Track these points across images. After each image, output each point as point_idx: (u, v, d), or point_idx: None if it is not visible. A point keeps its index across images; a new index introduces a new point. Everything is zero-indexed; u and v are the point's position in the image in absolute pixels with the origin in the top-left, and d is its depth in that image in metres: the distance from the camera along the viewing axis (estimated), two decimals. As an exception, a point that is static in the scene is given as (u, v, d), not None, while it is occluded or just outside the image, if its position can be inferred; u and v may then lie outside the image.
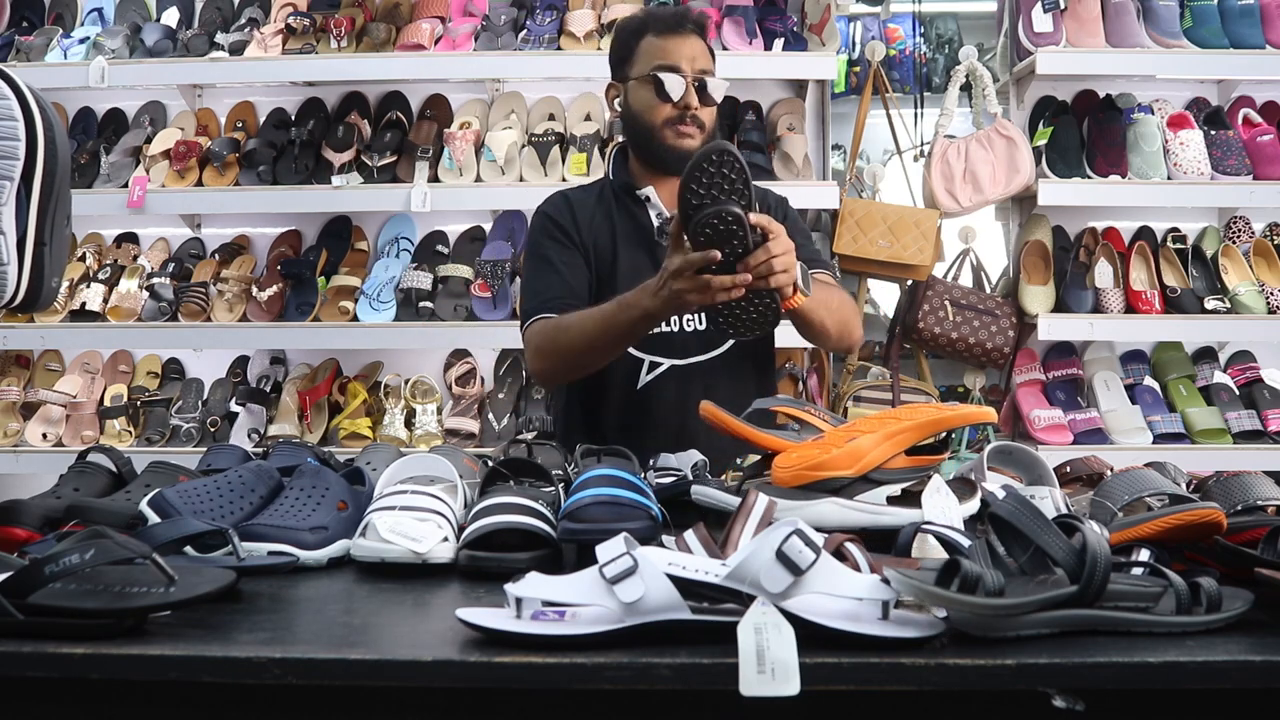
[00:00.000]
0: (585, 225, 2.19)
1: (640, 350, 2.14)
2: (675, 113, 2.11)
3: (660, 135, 2.12)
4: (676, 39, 2.13)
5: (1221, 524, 1.30)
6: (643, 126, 2.14)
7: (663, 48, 2.13)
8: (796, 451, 1.41)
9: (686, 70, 2.11)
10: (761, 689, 1.01)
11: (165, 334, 3.32)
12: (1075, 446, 3.11)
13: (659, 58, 2.12)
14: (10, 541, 1.36)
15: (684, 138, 2.11)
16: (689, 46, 2.13)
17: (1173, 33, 3.24)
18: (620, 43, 2.21)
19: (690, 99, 2.10)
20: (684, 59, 2.11)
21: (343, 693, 1.12)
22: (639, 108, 2.14)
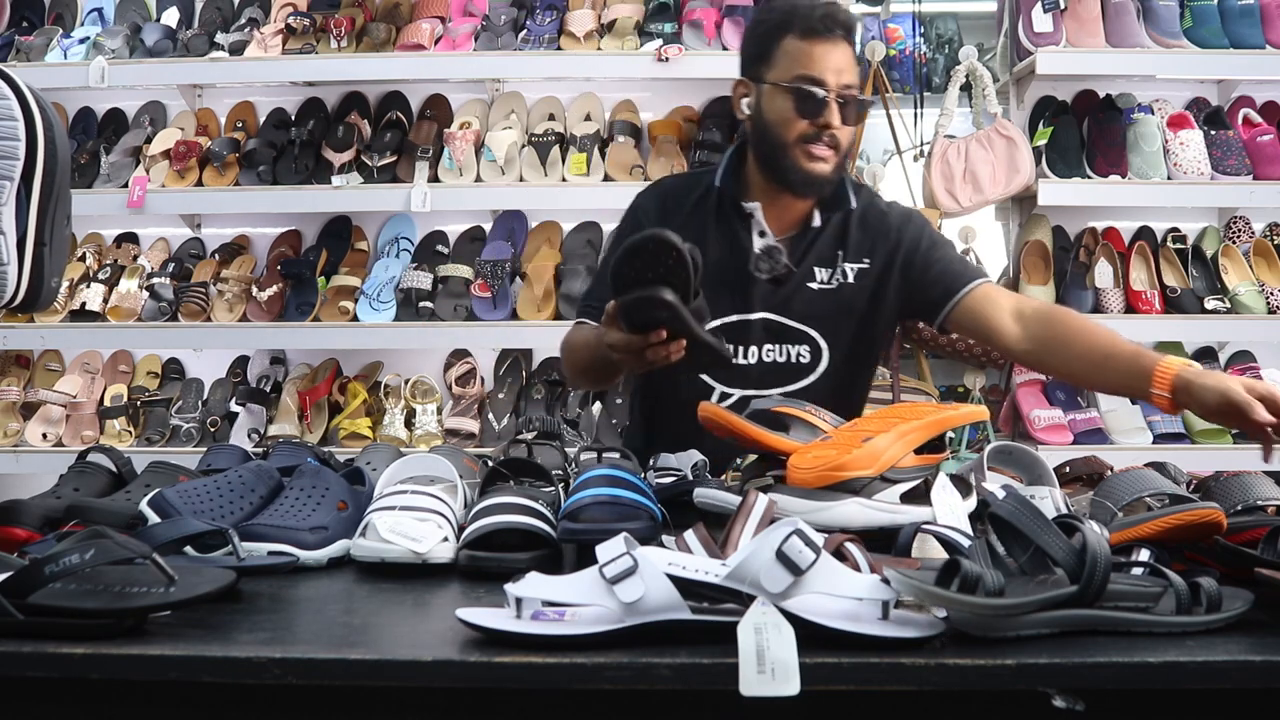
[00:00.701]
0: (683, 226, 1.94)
1: (712, 377, 2.01)
2: (812, 130, 1.89)
3: (791, 154, 1.91)
4: (824, 45, 1.88)
5: (1222, 524, 1.30)
6: (774, 139, 1.92)
7: (808, 54, 1.88)
8: (811, 452, 1.41)
9: (832, 84, 1.87)
10: (761, 689, 1.01)
11: (165, 334, 3.31)
12: (1075, 446, 3.10)
13: (802, 65, 1.88)
14: (10, 541, 1.36)
15: (816, 161, 1.90)
16: (837, 56, 1.89)
17: (1173, 33, 3.24)
18: (757, 36, 1.97)
19: (832, 118, 1.88)
20: (830, 70, 1.88)
21: (343, 693, 1.12)
22: (773, 118, 1.91)
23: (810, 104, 1.88)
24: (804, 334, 2.00)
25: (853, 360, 2.03)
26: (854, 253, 2.00)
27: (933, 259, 2.00)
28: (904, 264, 2.00)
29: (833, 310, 2.00)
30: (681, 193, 2.08)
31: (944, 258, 2.01)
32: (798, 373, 2.00)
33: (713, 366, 1.77)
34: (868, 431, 1.43)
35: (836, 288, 2.00)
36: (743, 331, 2.00)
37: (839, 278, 2.00)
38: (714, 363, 1.70)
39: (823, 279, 2.00)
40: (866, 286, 2.00)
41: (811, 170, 1.91)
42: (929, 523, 1.35)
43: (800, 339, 2.00)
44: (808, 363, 2.00)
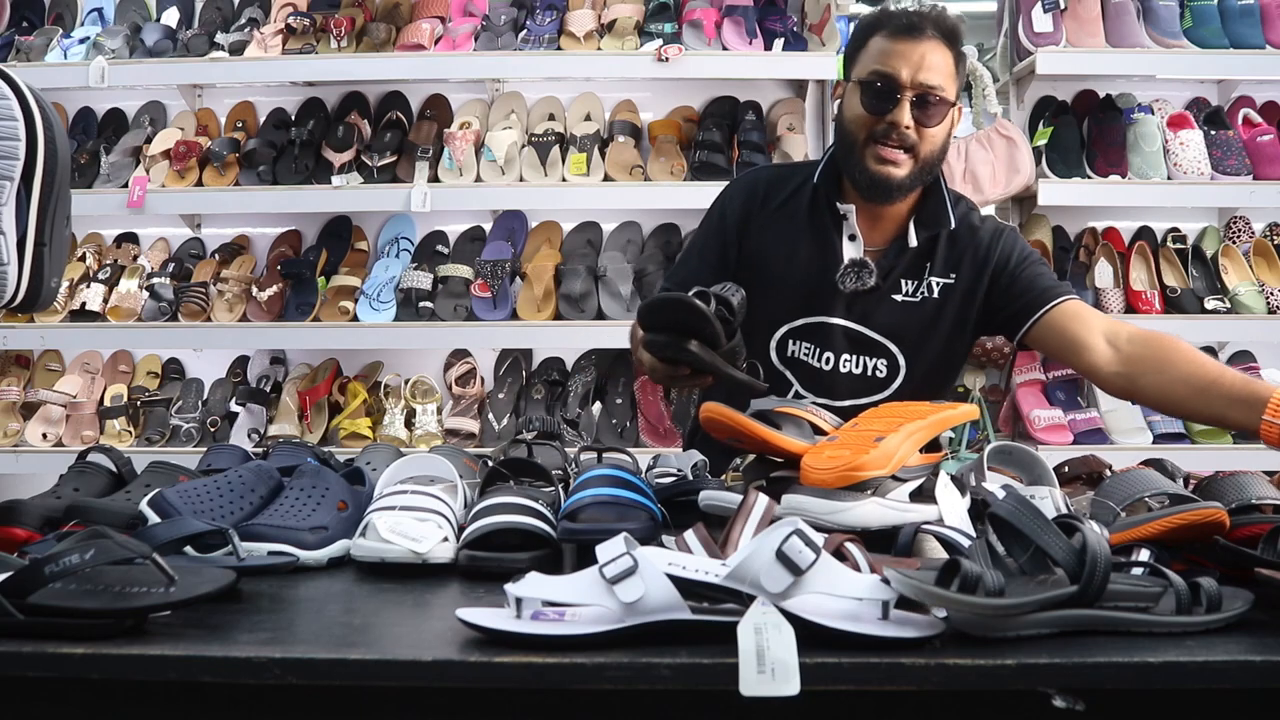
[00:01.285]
0: (760, 220, 1.97)
1: (792, 373, 1.97)
2: (881, 127, 1.83)
3: (860, 153, 1.86)
4: (907, 43, 1.82)
5: (1224, 524, 1.30)
6: (847, 138, 1.88)
7: (887, 51, 1.83)
8: (825, 452, 1.41)
9: (905, 78, 1.80)
10: (761, 689, 1.01)
11: (165, 334, 3.31)
12: (1075, 446, 3.10)
13: (879, 62, 1.83)
14: (10, 541, 1.36)
15: (885, 164, 1.84)
16: (918, 51, 1.81)
17: (1173, 33, 3.24)
18: (854, 38, 1.93)
19: (900, 115, 1.81)
20: (907, 65, 1.81)
21: (343, 693, 1.12)
22: (848, 115, 1.88)
23: (878, 99, 1.83)
24: (883, 346, 1.95)
25: (931, 376, 1.98)
26: (941, 267, 1.96)
27: (1020, 273, 1.94)
28: (991, 279, 1.95)
29: (914, 324, 1.95)
30: (776, 186, 2.02)
31: (1034, 272, 1.95)
32: (874, 386, 1.96)
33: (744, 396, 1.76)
34: (875, 431, 1.44)
35: (920, 301, 1.95)
36: (823, 335, 1.96)
37: (924, 291, 1.95)
38: (746, 394, 1.69)
39: (908, 291, 1.95)
40: (951, 301, 1.95)
41: (878, 172, 1.85)
42: (931, 522, 1.36)
43: (879, 351, 1.96)
44: (884, 377, 1.96)
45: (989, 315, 1.98)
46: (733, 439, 1.53)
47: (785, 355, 1.98)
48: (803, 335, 1.97)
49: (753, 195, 2.02)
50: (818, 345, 1.96)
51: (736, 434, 1.50)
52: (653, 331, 1.54)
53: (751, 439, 1.49)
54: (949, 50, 1.85)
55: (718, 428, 1.52)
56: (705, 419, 1.52)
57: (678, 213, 3.43)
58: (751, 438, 1.49)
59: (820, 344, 1.96)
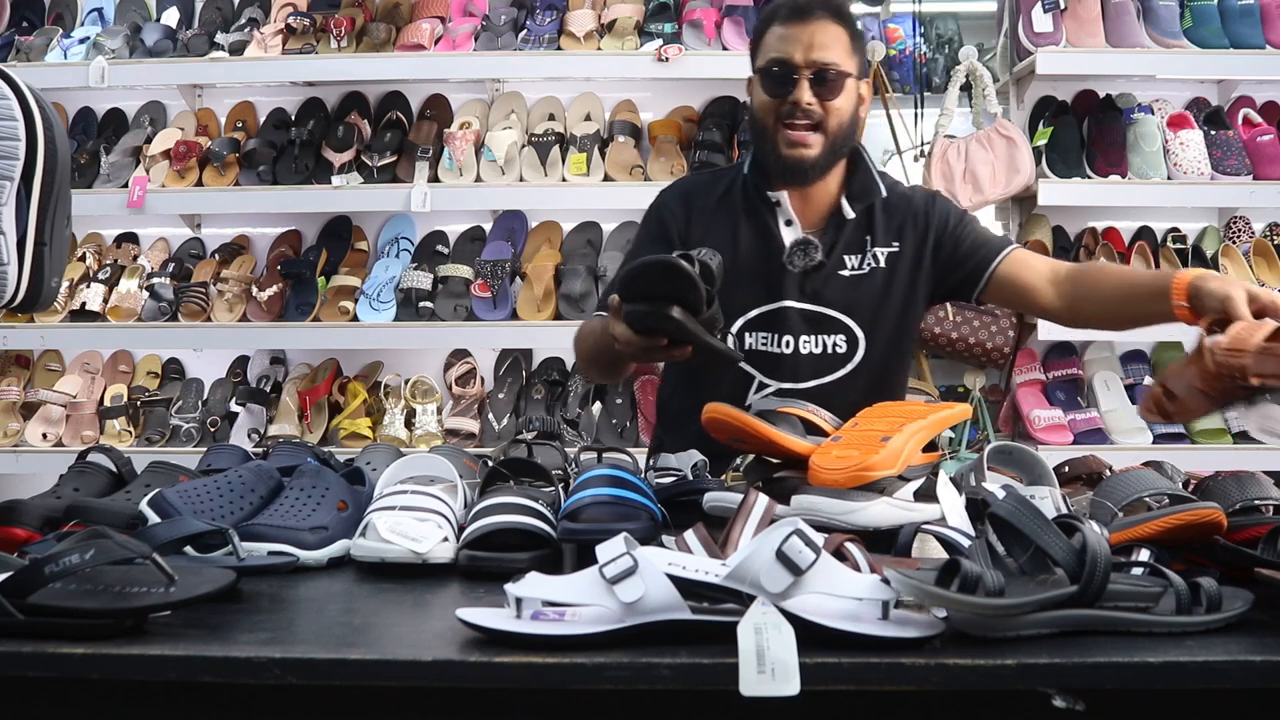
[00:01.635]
0: (698, 223, 2.01)
1: (753, 366, 1.97)
2: (785, 108, 1.87)
3: (772, 140, 1.90)
4: (798, 26, 1.87)
5: (1222, 524, 1.30)
6: (757, 128, 1.94)
7: (781, 37, 1.88)
8: (834, 452, 1.42)
9: (800, 59, 1.85)
10: (761, 689, 1.01)
11: (165, 334, 3.31)
12: (1075, 446, 3.10)
13: (775, 49, 1.88)
14: (10, 541, 1.36)
15: (796, 146, 1.88)
16: (809, 32, 1.86)
17: (1173, 33, 3.24)
18: (754, 34, 1.98)
19: (801, 94, 1.85)
20: (799, 47, 1.86)
21: (343, 693, 1.12)
22: (755, 105, 1.94)
23: (777, 82, 1.88)
24: (839, 322, 1.97)
25: (889, 349, 2.00)
26: (883, 237, 1.99)
27: (963, 234, 1.99)
28: (935, 244, 1.99)
29: (866, 296, 1.97)
30: (706, 189, 2.07)
31: (974, 231, 2.01)
32: (835, 363, 1.97)
33: (720, 369, 1.75)
34: (878, 431, 1.45)
35: (869, 272, 1.98)
36: (778, 321, 1.97)
37: (870, 262, 1.98)
38: (723, 366, 1.68)
39: (853, 265, 1.98)
40: (900, 270, 1.98)
41: (790, 155, 1.89)
42: (934, 522, 1.36)
43: (836, 328, 1.97)
44: (844, 352, 1.97)
45: (941, 279, 2.01)
46: (735, 439, 1.52)
47: (744, 349, 1.99)
48: (759, 325, 1.98)
49: (688, 200, 2.06)
50: (775, 331, 1.97)
51: (741, 434, 1.50)
52: (632, 301, 1.53)
53: (756, 439, 1.49)
54: (841, 27, 1.90)
55: (721, 428, 1.52)
56: (709, 419, 1.52)
57: (678, 213, 3.42)
58: (756, 438, 1.49)
59: (778, 329, 1.97)
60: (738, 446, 1.56)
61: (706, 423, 1.53)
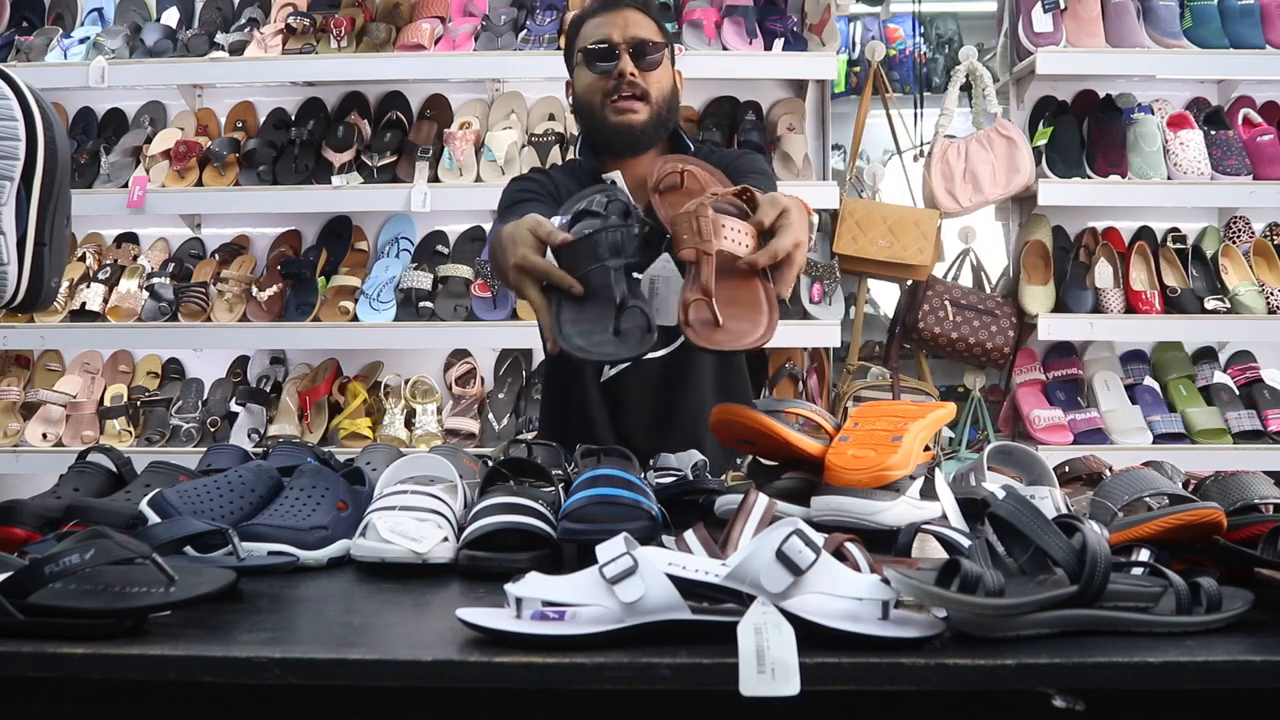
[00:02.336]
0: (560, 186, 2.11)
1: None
2: (611, 83, 2.03)
3: (602, 113, 2.05)
4: (606, 15, 2.06)
5: (1222, 524, 1.30)
6: (585, 108, 2.08)
7: (594, 25, 2.07)
8: (849, 451, 1.43)
9: (617, 39, 2.03)
10: (761, 689, 1.01)
11: (165, 334, 3.32)
12: (1075, 446, 3.11)
13: (589, 38, 2.07)
14: (10, 541, 1.36)
15: (625, 113, 2.03)
16: (621, 18, 2.05)
17: (1173, 33, 3.24)
18: (568, 40, 2.16)
19: (624, 65, 2.01)
20: (615, 28, 2.04)
21: (343, 693, 1.11)
22: (581, 89, 2.08)
23: (600, 60, 2.03)
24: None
25: None
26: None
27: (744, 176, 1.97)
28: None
29: None
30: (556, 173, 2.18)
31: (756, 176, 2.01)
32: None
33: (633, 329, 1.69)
34: (883, 430, 1.46)
35: None
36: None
37: None
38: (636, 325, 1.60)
39: None
40: None
41: (622, 121, 2.03)
42: (934, 521, 1.36)
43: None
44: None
45: None
46: (743, 440, 1.51)
47: None
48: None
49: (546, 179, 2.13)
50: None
51: (750, 435, 1.49)
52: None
53: (767, 439, 1.48)
54: (647, 16, 2.08)
55: (730, 429, 1.50)
56: (718, 420, 1.51)
57: (678, 213, 3.42)
58: (768, 438, 1.47)
59: None
60: (745, 448, 1.55)
61: (717, 423, 1.51)
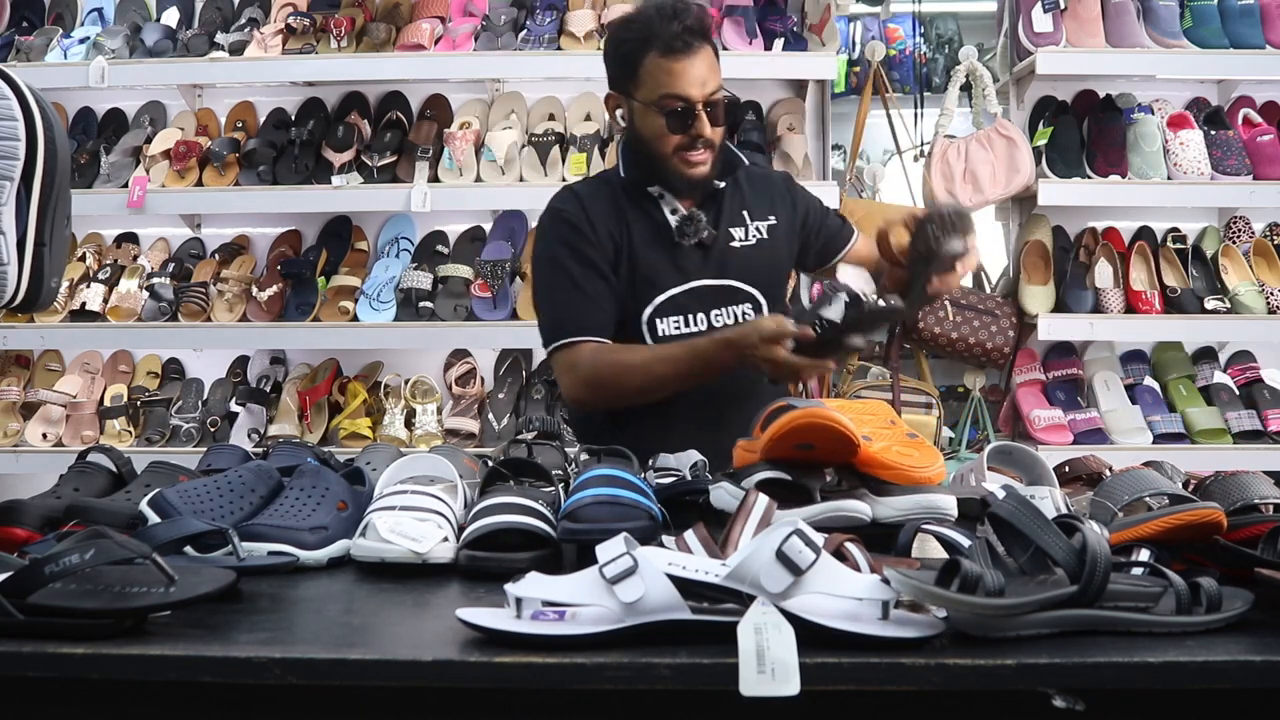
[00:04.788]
0: (601, 225, 2.10)
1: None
2: (686, 140, 2.02)
3: (670, 163, 2.04)
4: (684, 60, 1.99)
5: (1222, 524, 1.31)
6: (652, 152, 2.06)
7: (669, 71, 1.99)
8: (895, 448, 1.50)
9: (697, 96, 1.99)
10: (761, 689, 1.01)
11: (165, 334, 3.31)
12: (1075, 446, 3.10)
13: (666, 86, 1.99)
14: (10, 541, 1.36)
15: (695, 165, 2.04)
16: (697, 66, 1.99)
17: (1173, 33, 3.24)
18: (621, 55, 2.07)
19: (702, 129, 2.01)
20: (694, 84, 1.99)
21: (343, 693, 1.12)
22: (647, 134, 2.05)
23: (679, 120, 2.01)
24: (745, 292, 2.13)
25: (778, 313, 2.07)
26: (757, 211, 2.17)
27: (823, 216, 2.26)
28: (803, 221, 2.22)
29: (762, 266, 2.15)
30: (592, 189, 2.18)
31: (829, 213, 2.29)
32: None
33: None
34: (894, 430, 1.54)
35: (756, 244, 2.15)
36: (689, 301, 2.10)
37: (755, 234, 2.15)
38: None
39: (741, 238, 2.14)
40: (779, 241, 2.18)
41: (691, 175, 2.05)
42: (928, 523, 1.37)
43: (742, 298, 2.13)
44: (752, 319, 2.10)
45: (802, 251, 2.25)
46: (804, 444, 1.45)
47: (658, 336, 2.11)
48: (668, 310, 2.10)
49: (584, 204, 2.13)
50: (686, 312, 2.10)
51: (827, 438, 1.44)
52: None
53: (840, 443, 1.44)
54: (710, 47, 2.05)
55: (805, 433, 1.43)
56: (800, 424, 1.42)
57: (678, 213, 3.43)
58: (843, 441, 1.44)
59: (690, 309, 2.10)
60: (800, 453, 1.47)
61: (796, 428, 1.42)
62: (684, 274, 2.10)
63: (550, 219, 2.15)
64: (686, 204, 2.11)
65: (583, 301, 2.07)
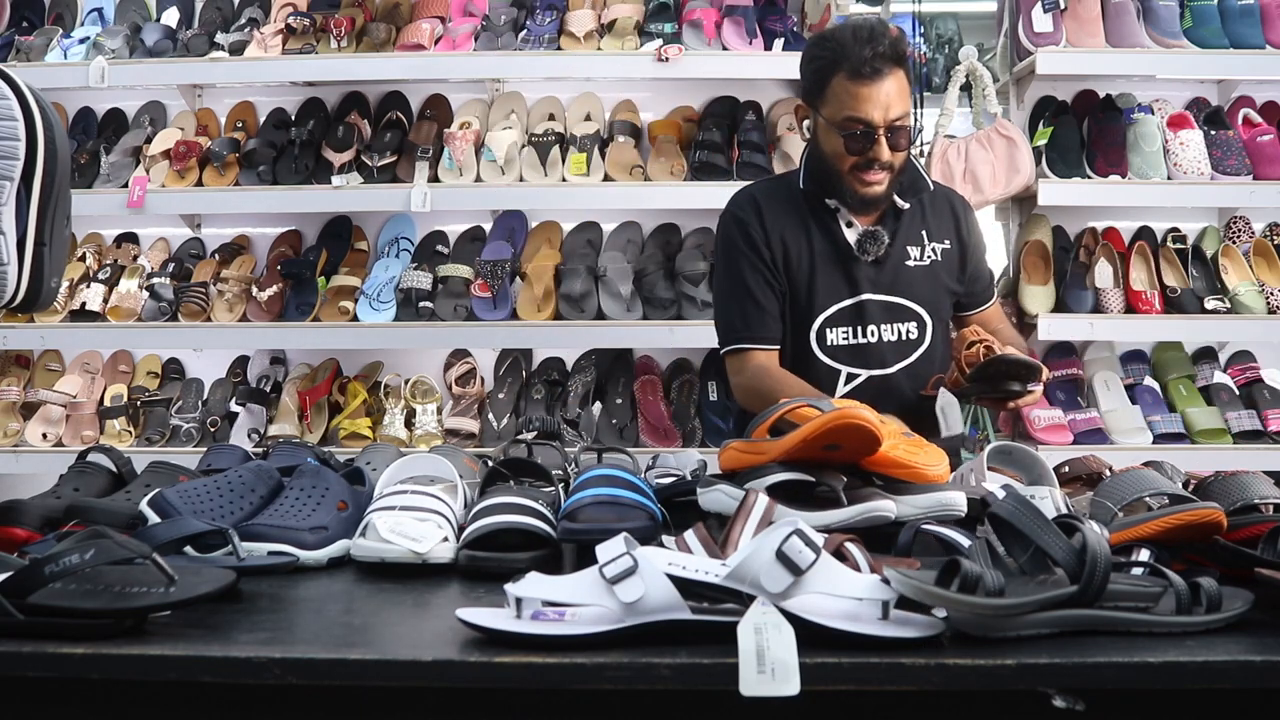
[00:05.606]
0: (775, 232, 2.16)
1: (837, 361, 2.15)
2: (863, 161, 2.05)
3: (846, 181, 2.09)
4: (870, 85, 2.01)
5: (1222, 524, 1.31)
6: (830, 169, 2.11)
7: (854, 95, 2.02)
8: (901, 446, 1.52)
9: (879, 121, 2.02)
10: (761, 689, 1.01)
11: (165, 334, 3.31)
12: (1075, 446, 3.10)
13: (849, 108, 2.03)
14: (10, 541, 1.36)
15: (870, 185, 2.07)
16: (883, 92, 2.01)
17: (1173, 33, 3.24)
18: (812, 71, 2.10)
19: (880, 153, 2.04)
20: (877, 108, 2.01)
21: (343, 693, 1.12)
22: (828, 150, 2.10)
23: (859, 143, 2.04)
24: (911, 310, 2.17)
25: (944, 334, 2.23)
26: (935, 233, 2.21)
27: (979, 263, 2.28)
28: (962, 255, 2.24)
29: (931, 286, 2.19)
30: (771, 193, 2.24)
31: (983, 261, 2.30)
32: (909, 348, 2.17)
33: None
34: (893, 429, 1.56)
35: (929, 265, 2.19)
36: (858, 313, 2.16)
37: (930, 255, 2.19)
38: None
39: (916, 257, 2.18)
40: (949, 265, 2.22)
41: (866, 194, 2.09)
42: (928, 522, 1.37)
43: (908, 316, 2.17)
44: (915, 338, 2.18)
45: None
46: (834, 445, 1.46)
47: (826, 346, 2.16)
48: (838, 321, 2.16)
49: (758, 211, 2.20)
50: (856, 324, 2.16)
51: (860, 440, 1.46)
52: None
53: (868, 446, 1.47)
54: (902, 70, 2.05)
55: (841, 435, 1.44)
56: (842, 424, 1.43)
57: (678, 213, 3.42)
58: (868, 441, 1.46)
59: (858, 322, 2.16)
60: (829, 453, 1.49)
61: (836, 428, 1.43)
62: (855, 287, 2.15)
63: (729, 224, 2.23)
64: (863, 220, 2.15)
65: (755, 311, 2.16)
